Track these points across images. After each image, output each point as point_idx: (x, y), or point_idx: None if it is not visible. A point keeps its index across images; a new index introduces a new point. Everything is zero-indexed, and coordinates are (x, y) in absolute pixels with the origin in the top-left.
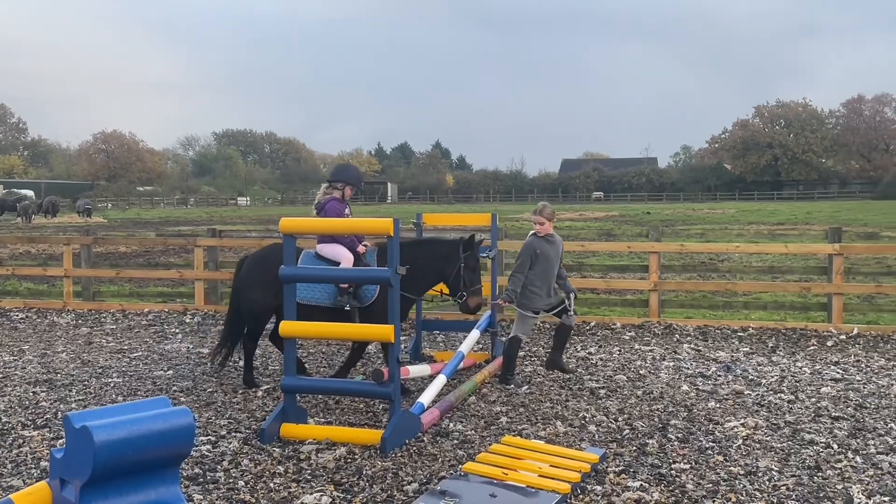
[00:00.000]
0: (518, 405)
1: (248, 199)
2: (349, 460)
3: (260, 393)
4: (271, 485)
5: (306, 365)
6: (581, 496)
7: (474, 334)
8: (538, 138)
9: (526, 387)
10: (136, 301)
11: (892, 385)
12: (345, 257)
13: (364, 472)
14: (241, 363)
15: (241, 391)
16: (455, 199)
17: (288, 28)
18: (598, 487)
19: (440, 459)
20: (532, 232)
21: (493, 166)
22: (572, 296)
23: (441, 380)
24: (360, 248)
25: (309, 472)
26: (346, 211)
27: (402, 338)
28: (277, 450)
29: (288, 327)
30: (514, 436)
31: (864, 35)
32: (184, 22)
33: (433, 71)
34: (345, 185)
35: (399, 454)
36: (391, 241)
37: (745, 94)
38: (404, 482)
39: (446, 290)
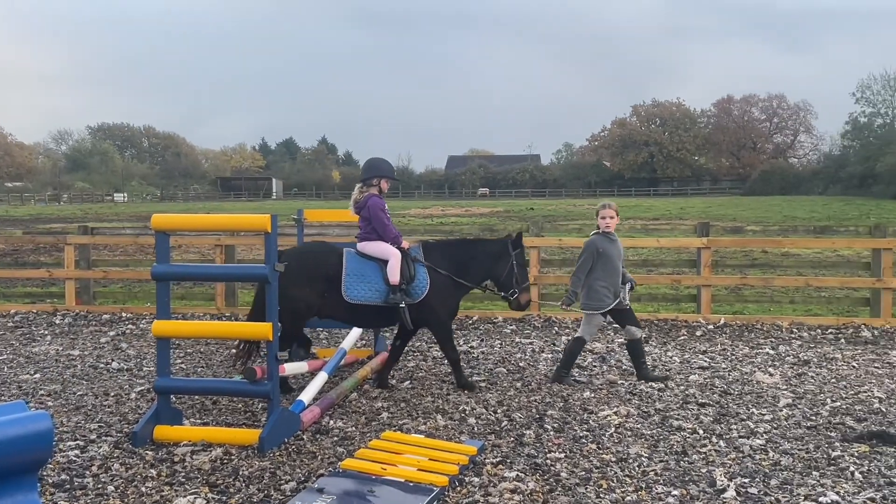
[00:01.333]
0: (399, 400)
1: (126, 195)
2: (225, 461)
3: (133, 395)
4: (143, 489)
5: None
6: (459, 488)
7: (357, 331)
8: (425, 135)
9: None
10: (2, 302)
11: (755, 372)
12: (393, 254)
13: (241, 473)
14: (113, 364)
15: (112, 394)
16: (342, 195)
17: (168, 21)
18: (476, 479)
19: (319, 457)
20: (594, 231)
21: None
22: (628, 286)
23: (322, 377)
24: (405, 244)
25: (183, 474)
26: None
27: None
28: (150, 453)
29: (161, 327)
30: (394, 431)
31: (731, 38)
32: (56, 11)
33: (319, 67)
34: (380, 180)
35: (277, 453)
36: (268, 237)
37: (623, 93)
38: (282, 481)
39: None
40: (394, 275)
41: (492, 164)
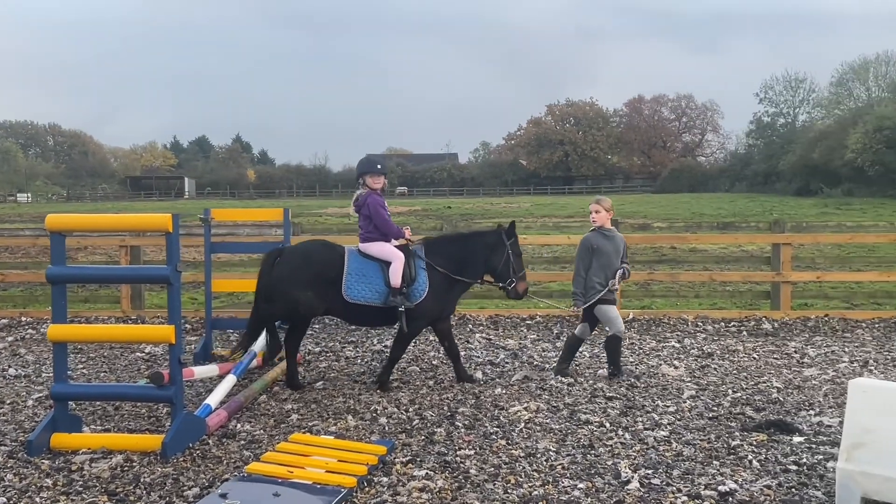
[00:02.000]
0: (310, 401)
1: (30, 195)
2: (126, 468)
3: (30, 402)
4: (37, 499)
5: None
6: (368, 489)
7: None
8: (342, 134)
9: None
10: None
11: (661, 365)
12: (395, 256)
13: (142, 480)
14: (10, 371)
15: (8, 402)
16: (257, 195)
17: (74, 15)
18: (385, 479)
19: (225, 462)
20: (592, 228)
21: (296, 161)
22: (619, 272)
23: (230, 380)
24: (407, 233)
25: (81, 483)
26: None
27: (193, 337)
28: (46, 462)
29: (57, 331)
30: (303, 433)
31: (640, 40)
32: None
33: (233, 64)
34: (364, 177)
35: (181, 459)
36: (170, 237)
37: (537, 93)
38: (185, 487)
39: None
40: (395, 278)
41: (410, 163)
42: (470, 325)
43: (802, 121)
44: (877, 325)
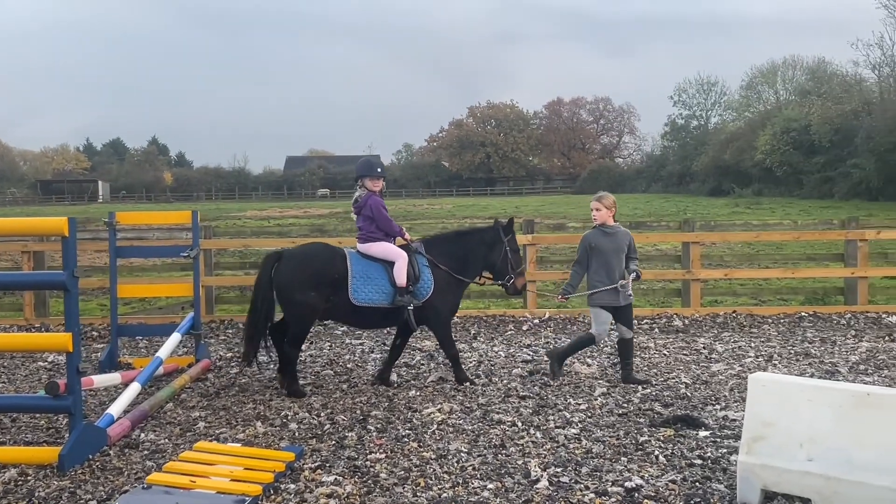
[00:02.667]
0: (219, 409)
1: None
2: (20, 483)
3: None
4: None
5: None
6: (273, 496)
7: (175, 337)
8: (261, 135)
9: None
10: None
11: (574, 363)
12: (398, 255)
13: (36, 495)
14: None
15: None
16: (174, 198)
17: None
18: (293, 485)
19: (126, 473)
20: (594, 225)
21: (215, 163)
22: (631, 275)
23: (134, 388)
24: (407, 235)
25: None
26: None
27: (100, 345)
28: None
29: None
30: (209, 441)
31: (558, 43)
32: None
33: (148, 64)
34: (362, 180)
35: (80, 471)
36: (66, 241)
37: (459, 95)
38: (82, 500)
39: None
40: (401, 277)
41: (332, 165)
42: (387, 329)
43: (714, 123)
44: (782, 321)
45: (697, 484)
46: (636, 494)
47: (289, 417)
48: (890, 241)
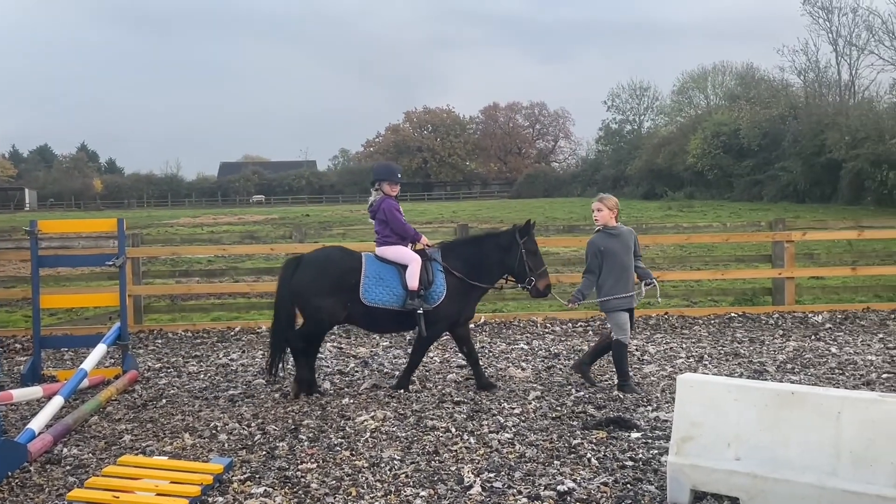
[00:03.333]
0: (146, 421)
1: None
2: None
3: None
4: None
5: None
6: None
7: (100, 349)
8: (194, 141)
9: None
10: None
11: (509, 367)
12: (412, 258)
13: None
14: None
15: None
16: (105, 205)
17: None
18: (221, 499)
19: (47, 490)
20: (597, 228)
21: (146, 170)
22: (645, 286)
23: (57, 401)
24: (424, 240)
25: None
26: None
27: (23, 357)
28: None
29: None
30: (135, 454)
31: (493, 49)
32: None
33: (75, 69)
34: (381, 184)
35: None
36: None
37: (395, 100)
38: None
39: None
40: (413, 281)
41: (267, 171)
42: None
43: (647, 127)
44: (712, 322)
45: (629, 486)
46: (568, 498)
47: (218, 428)
48: (816, 242)
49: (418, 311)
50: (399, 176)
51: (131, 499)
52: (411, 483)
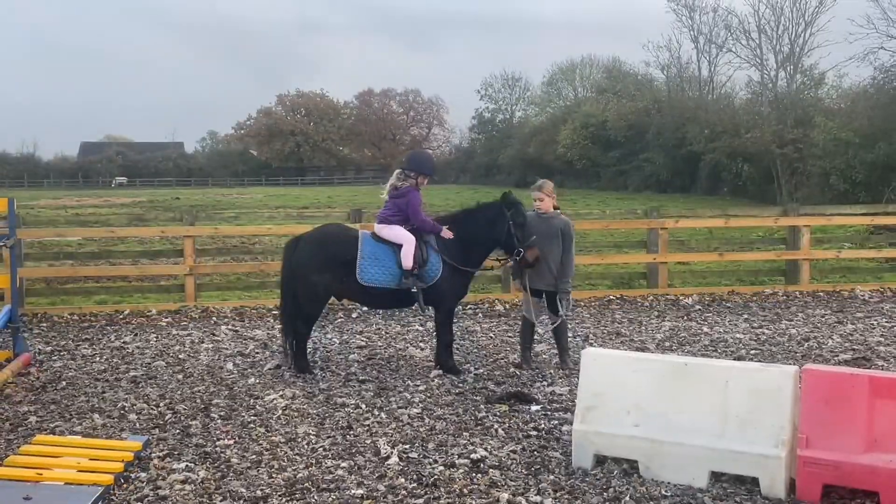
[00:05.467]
0: (49, 402)
1: None
2: None
3: None
4: None
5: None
6: (126, 485)
7: None
8: (52, 120)
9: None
10: None
11: (408, 347)
12: (408, 239)
13: None
14: None
15: None
16: None
17: None
18: (144, 474)
19: None
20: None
21: (0, 149)
22: (563, 302)
23: None
24: (445, 233)
25: None
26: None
27: None
28: None
29: None
30: (46, 434)
31: (364, 35)
32: None
33: None
34: (418, 175)
35: None
36: None
37: (264, 83)
38: None
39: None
40: (407, 260)
41: (131, 152)
42: (214, 318)
43: (519, 117)
44: (593, 304)
45: (536, 452)
46: (482, 465)
47: (126, 409)
48: (685, 229)
49: (412, 290)
50: (433, 174)
51: (55, 475)
52: (330, 455)
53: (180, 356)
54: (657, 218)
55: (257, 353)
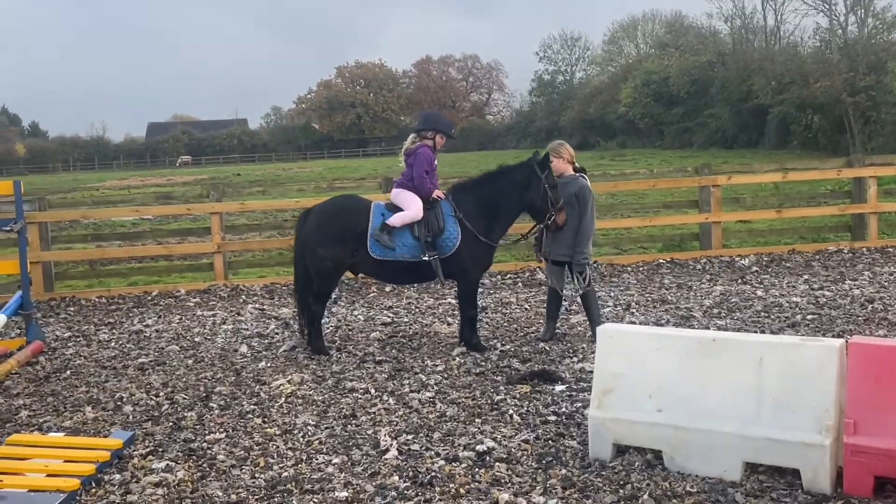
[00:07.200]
0: (47, 394)
1: None
2: None
3: None
4: None
5: None
6: (95, 489)
7: (0, 319)
8: (120, 103)
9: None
10: None
11: (434, 323)
12: (412, 204)
13: None
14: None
15: None
16: (28, 170)
17: None
18: (118, 476)
19: None
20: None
21: (72, 132)
22: (579, 275)
23: None
24: (437, 193)
25: None
26: (435, 162)
27: None
28: None
29: None
30: (31, 431)
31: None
32: None
33: None
34: (435, 134)
35: None
36: None
37: (325, 56)
38: None
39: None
40: (397, 219)
41: (196, 131)
42: (244, 296)
43: (579, 78)
44: (641, 269)
45: (550, 442)
46: (487, 458)
47: (124, 400)
48: (743, 186)
49: (425, 259)
50: (453, 131)
51: (17, 482)
52: (325, 450)
53: (196, 339)
54: (708, 175)
55: (276, 333)
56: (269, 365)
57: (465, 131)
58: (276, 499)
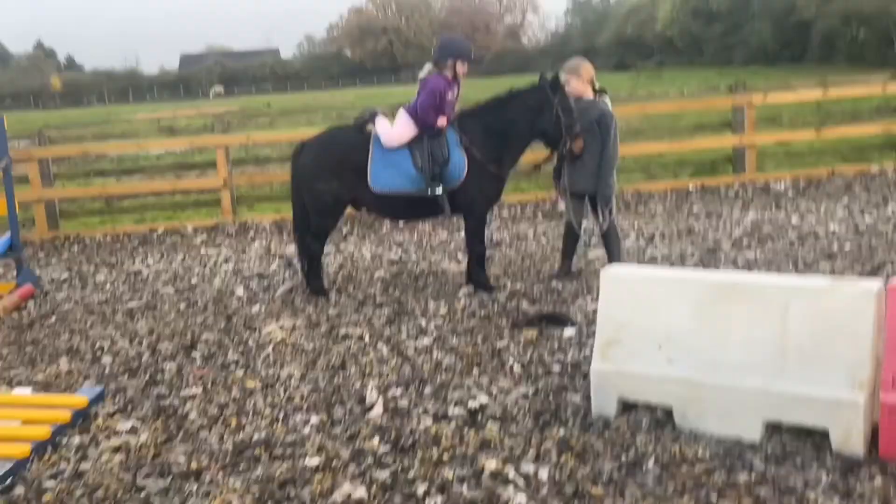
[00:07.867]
0: (26, 343)
1: None
2: None
3: None
4: None
5: None
6: (48, 456)
7: None
8: (153, 34)
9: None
10: None
11: (443, 260)
12: (404, 123)
13: None
14: None
15: None
16: (64, 104)
17: None
18: (78, 438)
19: None
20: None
21: (107, 65)
22: (603, 209)
23: None
24: (440, 121)
25: None
26: (452, 93)
27: None
28: None
29: None
30: None
31: None
32: None
33: None
34: (455, 61)
35: None
36: None
37: None
38: None
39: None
40: (387, 136)
41: (229, 61)
42: (252, 233)
43: None
44: (669, 197)
45: (551, 397)
46: (479, 416)
47: (104, 350)
48: (782, 105)
49: (430, 193)
50: (473, 56)
51: None
52: (305, 406)
53: (193, 281)
54: (742, 93)
55: (277, 273)
56: (262, 308)
57: (499, 55)
58: (239, 466)
